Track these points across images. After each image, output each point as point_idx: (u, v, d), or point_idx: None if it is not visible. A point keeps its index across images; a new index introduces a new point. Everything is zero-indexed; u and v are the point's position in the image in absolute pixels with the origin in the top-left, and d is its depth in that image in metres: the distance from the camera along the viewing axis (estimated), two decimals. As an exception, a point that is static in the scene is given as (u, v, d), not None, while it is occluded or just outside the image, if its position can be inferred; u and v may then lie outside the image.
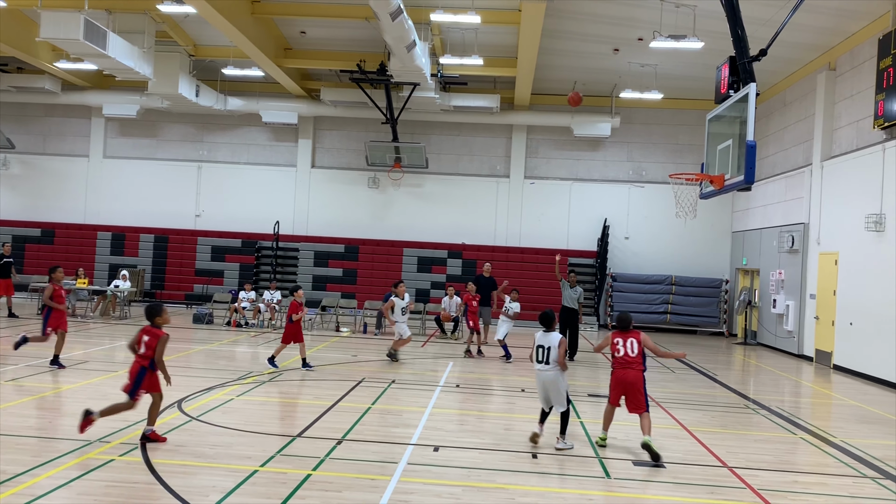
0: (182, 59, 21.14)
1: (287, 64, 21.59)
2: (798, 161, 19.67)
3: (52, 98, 24.68)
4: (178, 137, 26.14)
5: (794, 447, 9.09)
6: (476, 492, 6.53)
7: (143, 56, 18.86)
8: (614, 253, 24.82)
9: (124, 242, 25.38)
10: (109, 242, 25.39)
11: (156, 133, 26.15)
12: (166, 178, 25.92)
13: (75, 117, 26.09)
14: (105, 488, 6.08)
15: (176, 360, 13.27)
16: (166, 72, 20.61)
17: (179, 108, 24.35)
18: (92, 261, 24.94)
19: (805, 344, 18.52)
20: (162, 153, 26.14)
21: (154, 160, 26.07)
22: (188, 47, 21.56)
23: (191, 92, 21.85)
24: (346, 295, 23.41)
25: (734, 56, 10.89)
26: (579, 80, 23.00)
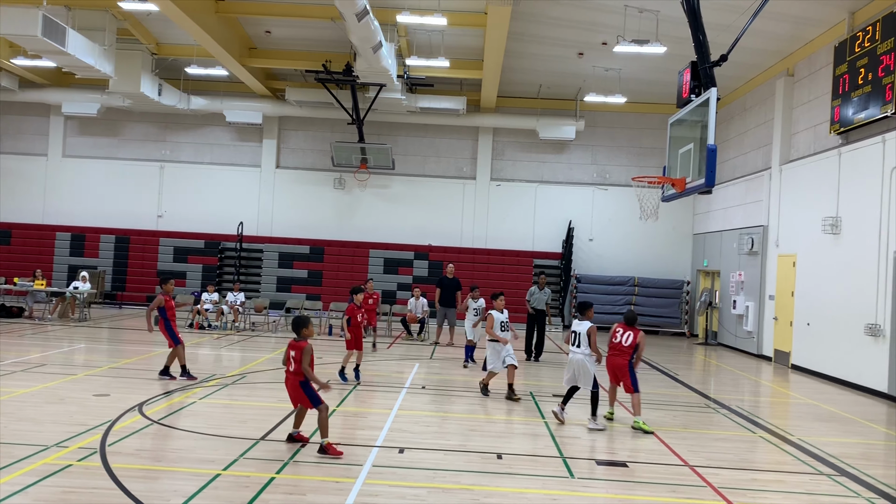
0: (144, 58, 20.83)
1: (252, 63, 21.40)
2: (757, 165, 20.05)
3: (9, 95, 24.12)
4: (139, 137, 25.74)
5: (754, 445, 9.26)
6: (441, 493, 6.54)
7: (103, 54, 18.53)
8: (579, 254, 25.06)
9: (84, 243, 24.92)
10: (69, 243, 24.91)
11: (117, 132, 25.71)
12: (128, 177, 25.49)
13: (33, 115, 25.53)
14: (63, 494, 5.96)
15: (137, 362, 13.07)
16: (128, 70, 20.29)
17: (141, 107, 23.97)
18: (50, 262, 24.45)
19: (764, 344, 18.88)
20: (123, 153, 25.71)
21: (115, 160, 25.63)
22: (150, 45, 21.25)
23: (153, 91, 21.53)
24: (312, 296, 23.27)
25: (696, 61, 11.08)
26: (544, 84, 23.20)
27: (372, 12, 15.07)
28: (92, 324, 18.98)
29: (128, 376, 11.58)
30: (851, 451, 9.09)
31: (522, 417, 10.10)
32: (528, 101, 24.79)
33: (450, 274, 18.34)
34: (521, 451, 8.20)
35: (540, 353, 16.15)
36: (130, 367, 12.48)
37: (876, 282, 13.76)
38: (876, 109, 13.84)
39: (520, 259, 24.89)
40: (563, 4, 16.60)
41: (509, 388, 11.09)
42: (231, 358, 14.61)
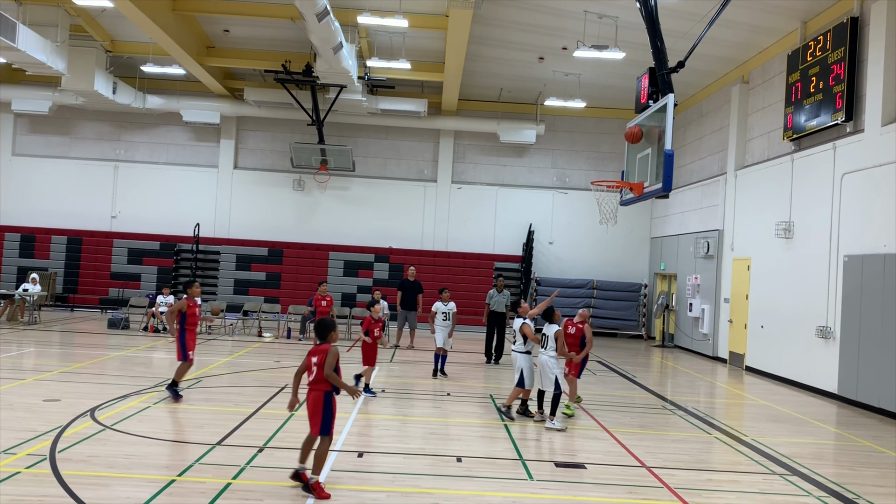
0: (98, 55, 20.37)
1: (209, 62, 21.09)
2: (714, 170, 20.42)
3: (-45, 91, 23.41)
4: (93, 136, 25.17)
5: (709, 446, 9.41)
6: (400, 496, 6.50)
7: (56, 50, 18.09)
8: (539, 258, 25.22)
9: (34, 244, 24.26)
10: (18, 244, 24.23)
11: (70, 131, 25.11)
12: (80, 177, 24.91)
13: (-19, 112, 24.81)
14: (10, 502, 5.77)
15: (89, 366, 12.77)
16: (81, 67, 19.83)
17: (95, 106, 23.45)
18: (-1, 263, 23.76)
19: (719, 346, 19.22)
20: (76, 152, 25.12)
21: (67, 159, 25.02)
22: (105, 42, 20.80)
23: (107, 89, 21.08)
24: (270, 299, 22.97)
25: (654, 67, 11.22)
26: (506, 88, 23.32)
27: (332, 13, 14.98)
28: (42, 327, 18.48)
29: (80, 381, 11.29)
30: (803, 450, 9.29)
31: (482, 420, 10.10)
32: (490, 105, 24.89)
33: (411, 277, 18.30)
34: (481, 453, 8.19)
35: (500, 355, 16.20)
36: (82, 372, 12.17)
37: (827, 285, 14.10)
38: (827, 117, 14.20)
39: (480, 262, 24.95)
40: (524, 9, 16.70)
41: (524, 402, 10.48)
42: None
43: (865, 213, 13.08)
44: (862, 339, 12.86)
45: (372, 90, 23.27)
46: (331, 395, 6.51)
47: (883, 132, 12.67)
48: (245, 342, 17.74)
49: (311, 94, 21.79)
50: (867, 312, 12.74)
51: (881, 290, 12.36)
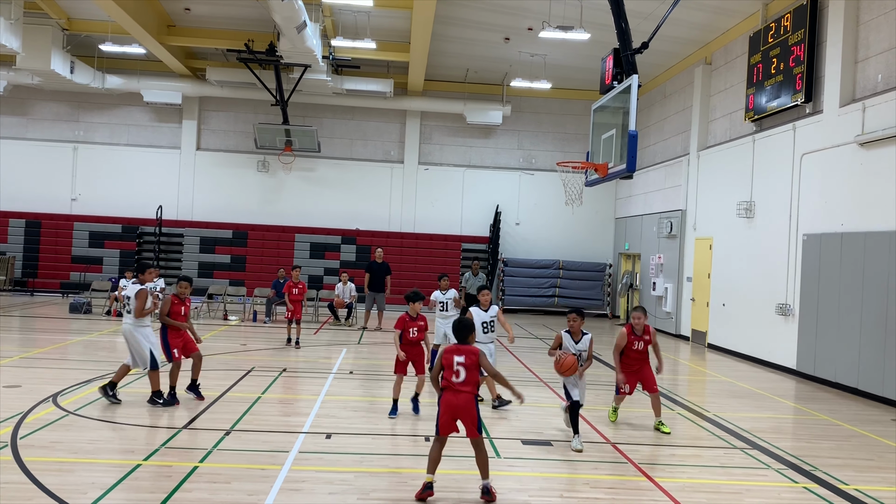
0: (55, 33, 19.83)
1: (170, 42, 20.65)
2: (677, 150, 20.65)
3: None
4: (51, 116, 24.57)
5: (672, 422, 9.58)
6: (369, 477, 6.54)
7: (9, 28, 17.55)
8: (506, 238, 25.33)
9: (-9, 228, 23.69)
10: (-26, 228, 23.64)
11: (26, 111, 24.46)
12: (38, 159, 24.32)
13: (-68, 92, 24.02)
14: (-30, 490, 5.69)
15: (51, 351, 12.56)
16: (37, 46, 19.29)
17: (52, 86, 22.85)
18: (-46, 247, 23.16)
19: (682, 324, 19.55)
20: (33, 133, 24.50)
21: (24, 140, 24.40)
22: (61, 20, 20.24)
23: (65, 68, 20.55)
24: (235, 282, 22.80)
25: (618, 48, 11.28)
26: (472, 68, 23.25)
27: (296, -9, 14.76)
28: (1, 312, 18.10)
29: (41, 366, 11.11)
30: (763, 425, 9.53)
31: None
32: (456, 85, 24.81)
33: (378, 258, 18.27)
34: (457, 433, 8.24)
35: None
36: (44, 357, 11.98)
37: (786, 264, 14.40)
38: (787, 98, 14.43)
39: (448, 243, 24.98)
40: (489, -11, 16.64)
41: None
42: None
43: (823, 193, 13.36)
44: (819, 316, 13.19)
45: (337, 70, 23.03)
46: (477, 398, 6.23)
47: (840, 113, 12.92)
48: (210, 325, 17.58)
49: (275, 74, 21.47)
50: (825, 290, 13.05)
51: (838, 268, 12.66)
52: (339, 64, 22.51)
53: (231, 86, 23.37)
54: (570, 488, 6.54)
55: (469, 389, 6.07)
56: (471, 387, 6.08)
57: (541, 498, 6.24)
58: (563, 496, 6.33)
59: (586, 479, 6.86)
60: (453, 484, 6.41)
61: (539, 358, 14.45)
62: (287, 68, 21.45)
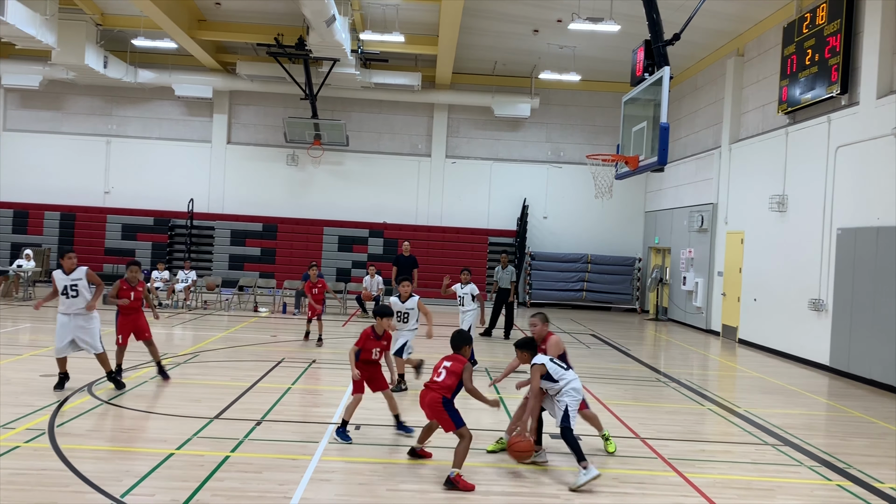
0: (89, 28, 20.12)
1: (201, 36, 20.86)
2: (708, 143, 20.41)
3: (-56, 66, 23.11)
4: (84, 111, 24.96)
5: (702, 418, 9.51)
6: (397, 468, 6.57)
7: (45, 24, 17.85)
8: (533, 232, 25.25)
9: (27, 220, 24.16)
10: (11, 220, 24.12)
11: (61, 105, 24.88)
12: (73, 152, 24.74)
13: (-29, 87, 24.55)
14: (10, 476, 5.82)
15: (85, 342, 12.77)
16: (72, 41, 19.59)
17: (86, 80, 23.21)
18: (-9, 239, 23.68)
19: (713, 319, 19.35)
20: (68, 127, 24.92)
21: (59, 134, 24.83)
22: (95, 16, 20.53)
23: (98, 63, 20.86)
24: (265, 274, 23.03)
25: (649, 40, 11.16)
26: (500, 61, 23.17)
27: (325, -15, 14.81)
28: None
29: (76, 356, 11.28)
30: (794, 421, 9.40)
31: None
32: (484, 78, 24.74)
33: (406, 252, 18.29)
34: (477, 425, 8.26)
35: (509, 330, 16.12)
36: (78, 347, 12.17)
37: (820, 258, 14.18)
38: (822, 90, 14.17)
39: (475, 237, 24.96)
40: (518, -19, 16.56)
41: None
42: (183, 337, 14.40)
43: (859, 187, 13.12)
44: (854, 311, 12.97)
45: (365, 64, 23.09)
46: (451, 402, 6.50)
47: (878, 105, 12.66)
48: (241, 317, 17.78)
49: (304, 68, 21.60)
50: (859, 285, 12.82)
51: (874, 262, 12.43)
52: (367, 58, 22.56)
53: (261, 80, 23.53)
54: (599, 483, 6.50)
55: (437, 391, 6.46)
56: (441, 390, 6.46)
57: (567, 494, 6.22)
58: (592, 490, 6.31)
59: (615, 473, 6.83)
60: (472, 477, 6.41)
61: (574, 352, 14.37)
62: (316, 62, 21.57)
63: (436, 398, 6.45)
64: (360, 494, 5.88)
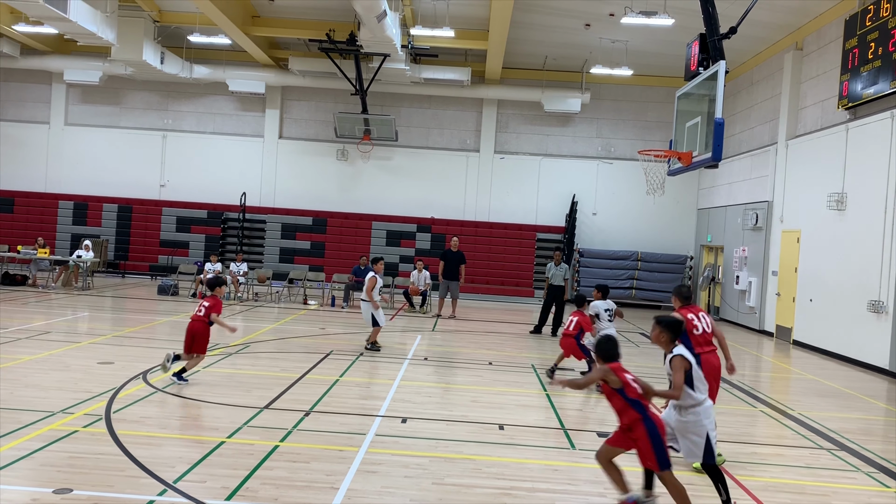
0: (146, 25, 20.62)
1: (255, 32, 21.19)
2: (764, 139, 19.93)
3: (10, 62, 23.92)
4: (142, 105, 25.59)
5: (754, 420, 9.31)
6: (443, 462, 6.59)
7: (105, 21, 18.36)
8: (582, 228, 25.01)
9: (87, 212, 24.91)
10: (71, 212, 24.90)
11: (119, 100, 25.56)
12: (130, 146, 25.40)
13: (35, 83, 25.37)
14: (69, 459, 6.01)
15: (140, 331, 13.13)
16: (130, 37, 20.10)
17: (144, 76, 23.80)
18: (53, 230, 24.48)
19: (766, 319, 18.91)
20: (125, 121, 25.59)
21: (117, 128, 25.52)
22: (153, 13, 21.03)
23: (155, 59, 21.36)
24: (314, 268, 23.30)
25: (704, 33, 10.93)
26: (550, 55, 22.99)
27: (377, -19, 14.89)
28: (95, 292, 19.03)
29: (131, 344, 11.64)
30: (851, 426, 9.13)
31: (524, 389, 10.15)
32: (534, 73, 24.58)
33: (454, 247, 18.34)
34: (523, 422, 8.24)
35: (557, 328, 15.82)
36: (134, 336, 12.54)
37: (880, 259, 13.73)
38: (885, 84, 13.70)
39: (522, 233, 24.85)
40: (570, -26, 16.39)
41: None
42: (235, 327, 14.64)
43: (923, 185, 12.65)
44: (916, 313, 12.52)
45: (415, 59, 23.15)
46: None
47: (945, 100, 12.19)
48: (291, 309, 18.03)
49: (355, 64, 21.77)
50: (922, 287, 12.37)
51: (938, 263, 11.98)
52: (417, 53, 22.62)
53: (312, 75, 23.80)
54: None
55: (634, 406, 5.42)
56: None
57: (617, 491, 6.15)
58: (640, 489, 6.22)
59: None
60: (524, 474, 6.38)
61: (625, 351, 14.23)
62: (367, 57, 21.71)
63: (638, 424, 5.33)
64: (405, 487, 5.91)
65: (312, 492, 5.66)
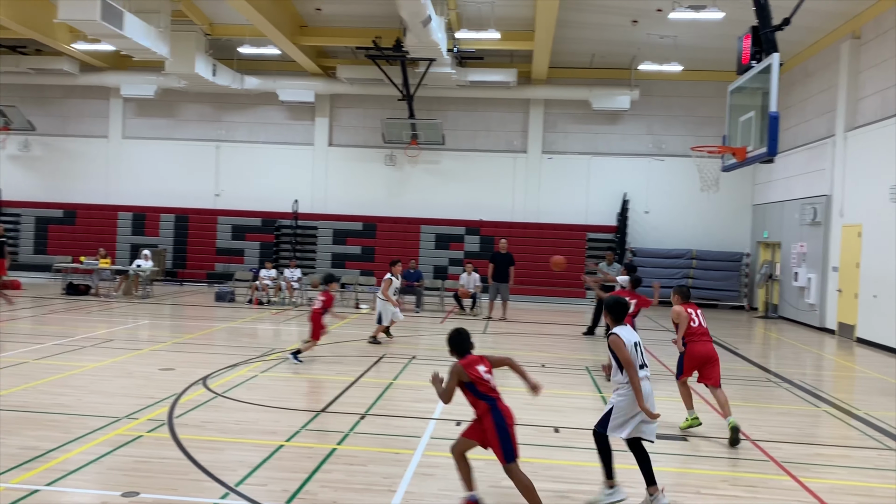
0: (198, 39, 21.13)
1: (303, 42, 21.52)
2: (820, 132, 19.39)
3: (70, 79, 24.76)
4: (195, 117, 26.21)
5: (817, 420, 9.06)
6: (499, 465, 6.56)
7: (159, 36, 18.87)
8: (634, 227, 24.68)
9: (145, 222, 25.62)
10: (130, 222, 25.64)
11: (174, 113, 26.23)
12: (185, 157, 26.05)
13: (94, 98, 26.21)
14: (134, 463, 6.19)
15: (199, 337, 13.44)
16: (183, 51, 20.63)
17: (196, 88, 24.38)
18: (113, 240, 25.23)
19: (827, 317, 18.38)
20: (180, 133, 26.24)
21: (172, 140, 26.19)
22: (204, 26, 21.54)
23: (207, 71, 21.86)
24: (365, 272, 23.51)
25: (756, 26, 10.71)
26: (597, 53, 22.78)
27: (422, -14, 14.97)
28: (155, 300, 19.54)
29: (191, 351, 11.92)
30: (921, 425, 8.82)
31: (578, 392, 10.08)
32: (581, 72, 24.37)
33: (502, 249, 18.30)
34: (578, 424, 8.18)
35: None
36: (193, 343, 12.84)
37: (948, 251, 13.23)
38: (949, 71, 13.20)
39: (573, 233, 24.65)
40: (616, -29, 16.23)
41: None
42: (289, 332, 14.89)
43: None
44: None
45: (461, 62, 23.19)
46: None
47: None
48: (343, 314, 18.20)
49: (401, 69, 21.92)
50: None
51: None
52: (462, 56, 22.66)
53: (360, 83, 24.04)
54: (707, 485, 6.31)
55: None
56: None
57: (676, 494, 6.06)
58: (699, 493, 6.13)
59: (724, 476, 6.61)
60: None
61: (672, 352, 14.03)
62: (413, 63, 21.84)
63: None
64: (462, 490, 5.91)
65: (370, 495, 5.72)
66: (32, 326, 14.23)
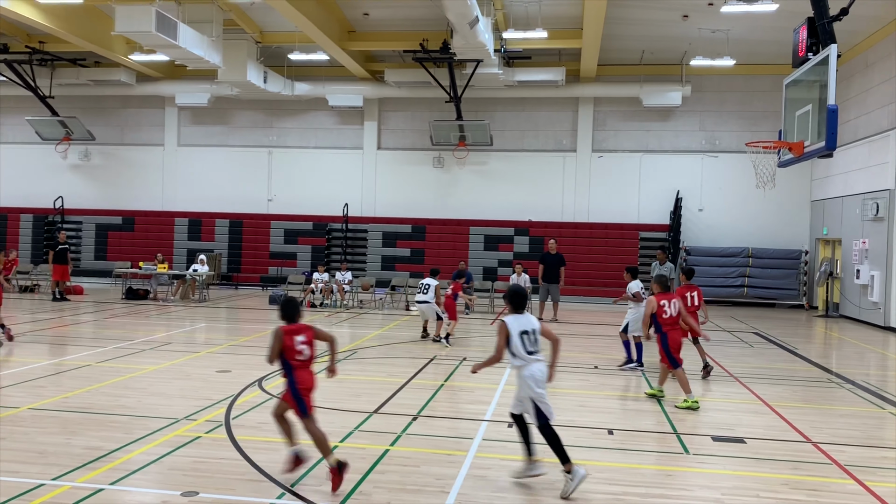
0: (249, 47, 21.53)
1: (351, 47, 21.74)
2: (882, 125, 18.75)
3: (127, 90, 25.48)
4: (248, 124, 26.71)
5: (883, 422, 8.76)
6: (552, 466, 6.52)
7: (212, 45, 19.29)
8: (688, 226, 24.23)
9: (201, 228, 26.19)
10: (186, 228, 26.24)
11: (227, 120, 26.77)
12: (238, 164, 26.56)
13: (150, 107, 26.93)
14: (193, 464, 6.33)
15: (255, 340, 13.67)
16: (235, 59, 21.04)
17: (248, 95, 24.83)
18: (171, 246, 25.86)
19: (892, 315, 17.76)
20: (233, 140, 26.77)
21: (226, 147, 26.73)
22: (255, 34, 21.93)
23: (259, 78, 22.25)
24: (415, 274, 23.55)
25: (812, 17, 10.42)
26: (647, 49, 22.46)
27: (468, -13, 14.97)
28: (210, 304, 19.97)
29: (246, 353, 12.14)
30: None
31: (632, 393, 9.94)
32: (630, 68, 24.05)
33: (552, 249, 18.18)
34: (633, 426, 8.07)
35: None
36: (248, 345, 13.07)
37: None
38: None
39: (624, 232, 24.33)
40: (665, -34, 15.97)
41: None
42: (341, 335, 15.03)
43: None
44: None
45: (508, 62, 23.10)
46: None
47: None
48: (394, 316, 18.34)
49: (449, 71, 21.94)
50: None
51: None
52: (510, 56, 22.57)
53: (407, 86, 24.15)
54: (767, 488, 6.15)
55: None
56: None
57: (735, 497, 5.93)
58: (759, 496, 5.97)
59: (785, 479, 6.43)
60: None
61: (729, 352, 13.75)
62: (460, 64, 21.85)
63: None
64: (515, 492, 5.89)
65: (424, 496, 5.73)
66: (94, 330, 14.68)
